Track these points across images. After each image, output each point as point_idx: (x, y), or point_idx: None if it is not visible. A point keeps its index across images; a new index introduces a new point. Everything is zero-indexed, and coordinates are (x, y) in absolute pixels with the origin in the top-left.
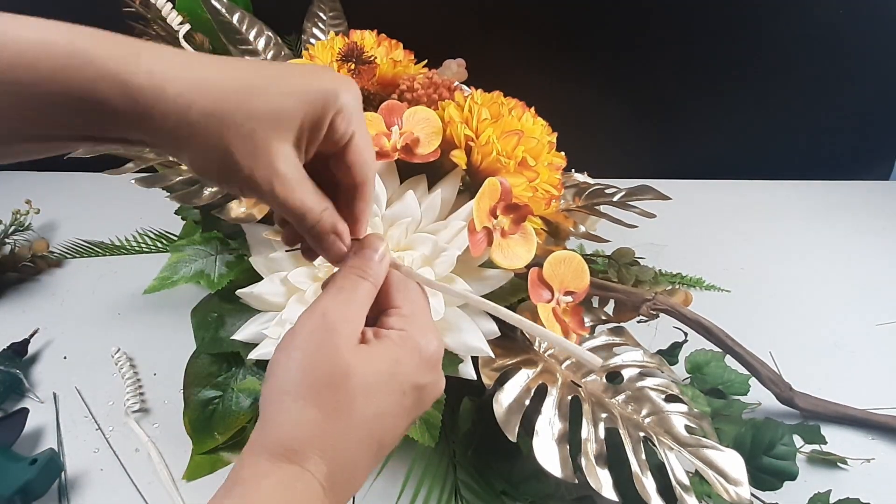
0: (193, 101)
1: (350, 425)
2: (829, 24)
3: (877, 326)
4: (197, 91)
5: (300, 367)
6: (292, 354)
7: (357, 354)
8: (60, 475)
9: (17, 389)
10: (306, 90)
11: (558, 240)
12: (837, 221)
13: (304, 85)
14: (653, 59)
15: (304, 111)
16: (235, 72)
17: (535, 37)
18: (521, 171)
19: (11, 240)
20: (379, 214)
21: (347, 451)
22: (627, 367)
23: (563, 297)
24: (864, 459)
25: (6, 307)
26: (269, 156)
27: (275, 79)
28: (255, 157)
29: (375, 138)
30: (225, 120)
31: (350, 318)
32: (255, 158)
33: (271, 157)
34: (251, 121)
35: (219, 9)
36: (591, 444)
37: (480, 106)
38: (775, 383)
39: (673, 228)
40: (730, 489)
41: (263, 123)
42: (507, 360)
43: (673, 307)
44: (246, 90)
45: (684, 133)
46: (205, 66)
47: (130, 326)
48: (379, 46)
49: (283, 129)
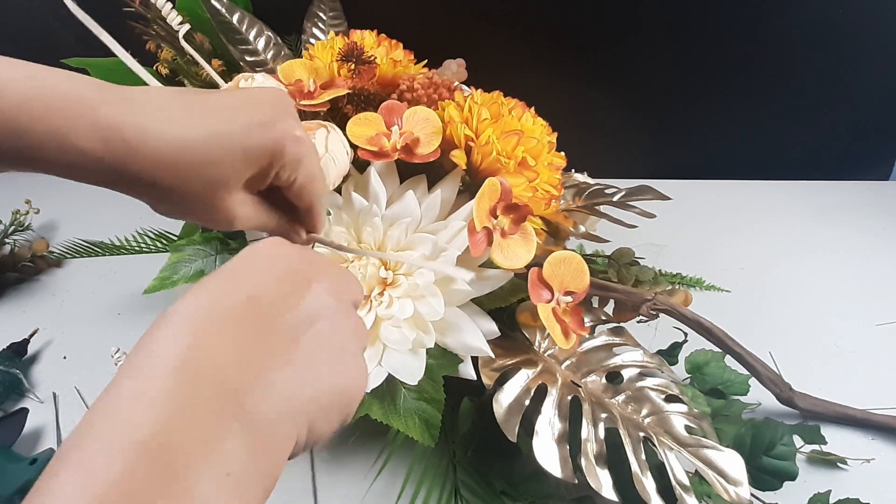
0: (155, 177)
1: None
2: (829, 24)
3: (877, 326)
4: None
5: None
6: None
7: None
8: None
9: (16, 389)
10: (257, 153)
11: (558, 240)
12: (837, 221)
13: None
14: (653, 59)
15: (253, 169)
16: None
17: (535, 37)
18: (521, 172)
19: (11, 240)
20: (379, 214)
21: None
22: (627, 368)
23: (563, 297)
24: (863, 460)
25: (6, 307)
26: (225, 206)
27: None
28: (215, 211)
29: (376, 138)
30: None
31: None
32: (215, 212)
33: (227, 207)
34: (208, 186)
35: (219, 9)
36: (590, 444)
37: (480, 106)
38: (775, 383)
39: (673, 228)
40: (730, 489)
41: (218, 187)
42: (507, 360)
43: (673, 307)
44: (202, 162)
45: (684, 133)
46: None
47: (130, 326)
48: (379, 46)
49: (236, 185)
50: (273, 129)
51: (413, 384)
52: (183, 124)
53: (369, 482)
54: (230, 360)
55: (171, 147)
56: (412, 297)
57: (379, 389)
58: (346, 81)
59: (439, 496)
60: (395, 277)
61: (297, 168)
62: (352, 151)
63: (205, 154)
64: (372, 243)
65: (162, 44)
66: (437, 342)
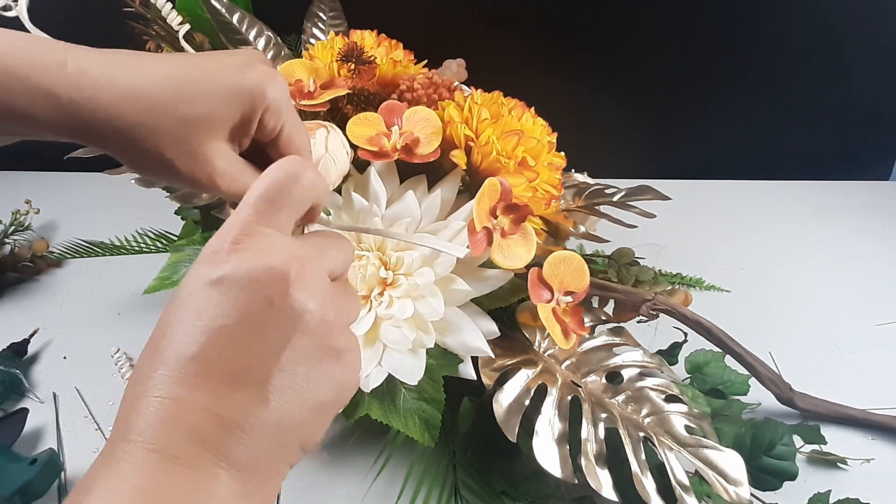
0: (124, 112)
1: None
2: (829, 24)
3: (877, 326)
4: (127, 102)
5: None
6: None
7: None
8: (60, 475)
9: (16, 389)
10: (234, 91)
11: (558, 240)
12: (837, 221)
13: (231, 85)
14: (653, 60)
15: (233, 111)
16: (163, 78)
17: (535, 37)
18: (521, 172)
19: (11, 240)
20: (379, 214)
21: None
22: (627, 368)
23: (563, 297)
24: (863, 459)
25: (6, 307)
26: (204, 156)
27: (203, 82)
28: (193, 159)
29: (376, 138)
30: (157, 128)
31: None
32: (193, 160)
33: (207, 156)
34: (183, 127)
35: (219, 9)
36: (590, 445)
37: (480, 106)
38: (775, 383)
39: (673, 228)
40: (729, 489)
41: (195, 128)
42: (507, 360)
43: (673, 307)
44: (175, 97)
45: (684, 133)
46: (132, 71)
47: (130, 326)
48: (379, 46)
49: (214, 130)
50: (252, 70)
51: (413, 384)
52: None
53: (369, 482)
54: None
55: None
56: (412, 296)
57: (379, 389)
58: (346, 81)
59: (439, 496)
60: (395, 277)
61: (280, 113)
62: (352, 151)
63: (181, 89)
64: (372, 243)
65: (162, 44)
66: (437, 342)
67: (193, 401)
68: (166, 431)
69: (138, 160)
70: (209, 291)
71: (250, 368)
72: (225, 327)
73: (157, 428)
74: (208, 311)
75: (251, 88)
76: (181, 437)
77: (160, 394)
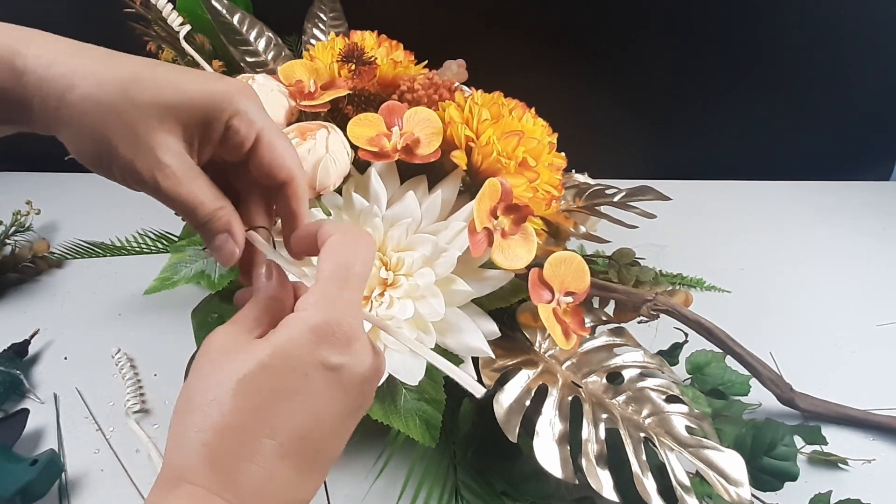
0: (76, 84)
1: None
2: (830, 24)
3: (877, 327)
4: (80, 75)
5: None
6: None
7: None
8: (61, 476)
9: (17, 390)
10: (197, 88)
11: (559, 240)
12: (838, 222)
13: (195, 85)
14: (653, 60)
15: (192, 107)
16: (125, 65)
17: (535, 37)
18: (522, 172)
19: (12, 240)
20: (380, 215)
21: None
22: (628, 368)
23: (564, 297)
24: (864, 460)
25: (7, 308)
26: (151, 146)
27: (164, 75)
28: (137, 147)
29: (376, 139)
30: (105, 106)
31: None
32: (136, 148)
33: (154, 147)
34: (133, 109)
35: (219, 10)
36: (591, 445)
37: (481, 107)
38: (776, 384)
39: (673, 229)
40: (730, 490)
41: (146, 113)
42: (508, 360)
43: (673, 308)
44: (131, 79)
45: (685, 134)
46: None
47: (131, 327)
48: (379, 47)
49: (167, 121)
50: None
51: (413, 385)
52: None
53: (370, 483)
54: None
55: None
56: (413, 297)
57: (380, 390)
58: (346, 82)
59: (440, 497)
60: (395, 278)
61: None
62: (352, 152)
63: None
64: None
65: (163, 45)
66: (438, 343)
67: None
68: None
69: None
70: (328, 375)
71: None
72: (331, 414)
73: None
74: (322, 395)
75: (217, 90)
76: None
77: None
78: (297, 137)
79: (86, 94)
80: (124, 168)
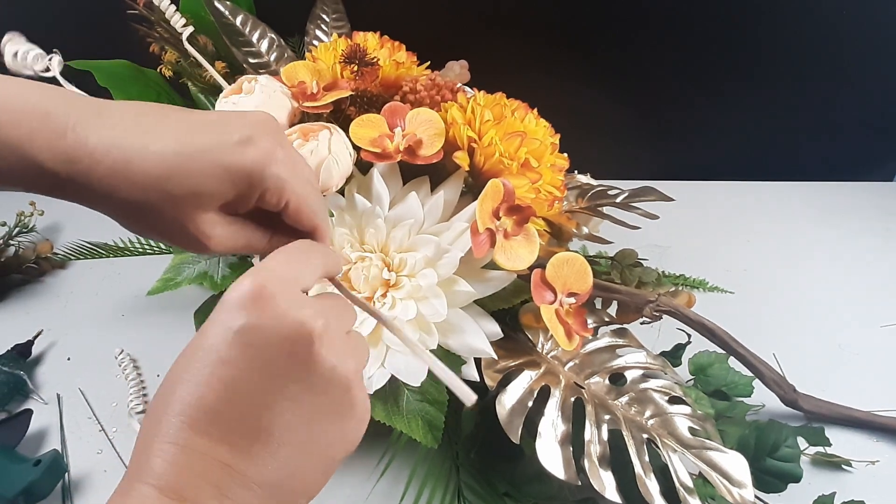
0: (115, 188)
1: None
2: (832, 24)
3: (881, 328)
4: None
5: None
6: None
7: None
8: (64, 476)
9: (21, 391)
10: (228, 171)
11: (561, 241)
12: (841, 223)
13: (227, 165)
14: (655, 61)
15: (224, 189)
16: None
17: (537, 38)
18: (524, 173)
19: (16, 241)
20: (382, 216)
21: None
22: (630, 369)
23: (566, 298)
24: (868, 461)
25: (10, 309)
26: (195, 228)
27: (196, 159)
28: (183, 234)
29: (379, 140)
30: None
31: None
32: (184, 235)
33: (198, 227)
34: (170, 203)
35: (222, 11)
36: (594, 446)
37: (483, 107)
38: (779, 385)
39: (676, 230)
40: (733, 491)
41: (183, 205)
42: (510, 361)
43: (676, 309)
44: (164, 174)
45: (687, 134)
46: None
47: (134, 328)
48: (382, 48)
49: (204, 203)
50: (252, 147)
51: (416, 386)
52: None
53: (372, 483)
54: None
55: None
56: (415, 298)
57: (382, 391)
58: (349, 83)
59: (442, 498)
60: (398, 279)
61: (283, 191)
62: (355, 153)
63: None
64: (375, 244)
65: (165, 46)
66: (440, 344)
67: (205, 449)
68: (178, 476)
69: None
70: (232, 339)
71: (266, 422)
72: (244, 379)
73: (170, 472)
74: (229, 360)
75: (248, 169)
76: (192, 482)
77: (174, 440)
78: (299, 138)
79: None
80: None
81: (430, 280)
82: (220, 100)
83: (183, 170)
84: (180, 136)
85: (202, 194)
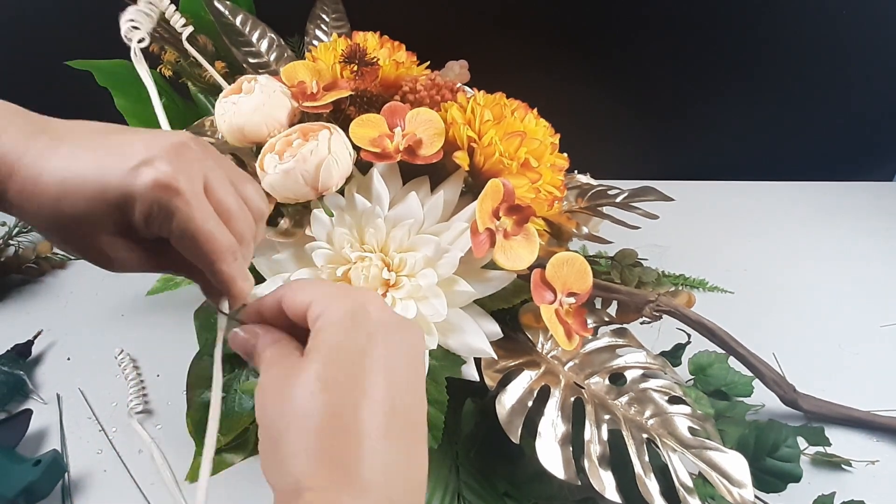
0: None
1: (343, 428)
2: (832, 24)
3: (881, 328)
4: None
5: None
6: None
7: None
8: (64, 476)
9: (20, 391)
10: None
11: (561, 241)
12: (840, 223)
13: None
14: (655, 61)
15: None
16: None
17: (537, 38)
18: (524, 173)
19: (15, 241)
20: (382, 216)
21: (362, 458)
22: (630, 369)
23: (566, 298)
24: (868, 461)
25: (10, 309)
26: (97, 248)
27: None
28: (89, 250)
29: (378, 140)
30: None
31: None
32: (90, 250)
33: (100, 248)
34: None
35: (222, 11)
36: (594, 446)
37: (483, 107)
38: (779, 385)
39: (676, 230)
40: (733, 491)
41: (78, 225)
42: (510, 361)
43: (676, 308)
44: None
45: (687, 134)
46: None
47: (134, 328)
48: (381, 48)
49: (96, 226)
50: (143, 174)
51: None
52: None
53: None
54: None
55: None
56: (415, 298)
57: None
58: (348, 83)
59: (442, 497)
60: (397, 279)
61: (167, 220)
62: (354, 153)
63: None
64: (375, 244)
65: (165, 46)
66: (440, 343)
67: (402, 455)
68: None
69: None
70: (375, 343)
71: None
72: (401, 374)
73: (377, 483)
74: (383, 362)
75: (135, 196)
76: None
77: (376, 447)
78: (299, 138)
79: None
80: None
81: (430, 280)
82: (219, 100)
83: (73, 192)
84: (70, 163)
85: (88, 215)
